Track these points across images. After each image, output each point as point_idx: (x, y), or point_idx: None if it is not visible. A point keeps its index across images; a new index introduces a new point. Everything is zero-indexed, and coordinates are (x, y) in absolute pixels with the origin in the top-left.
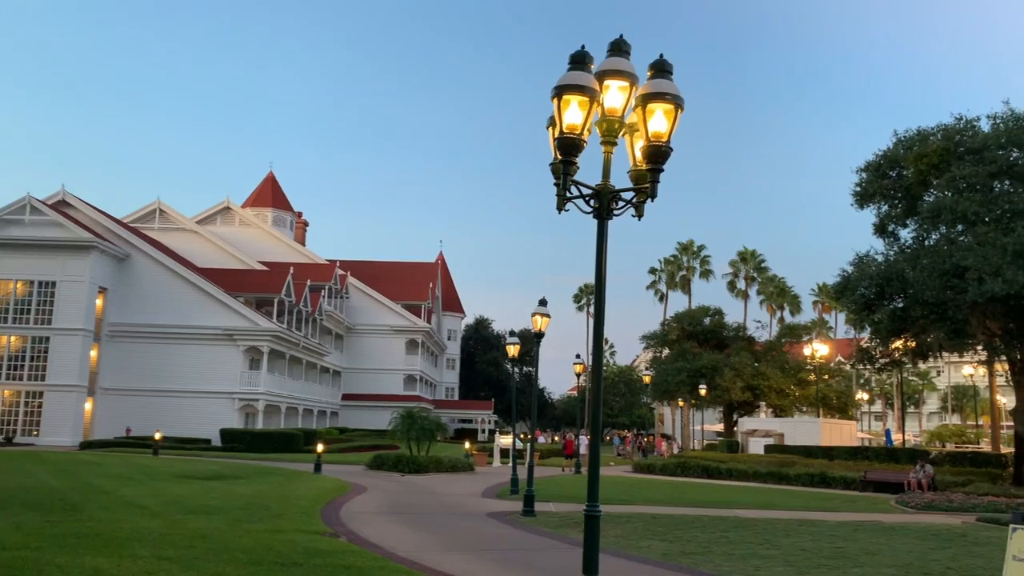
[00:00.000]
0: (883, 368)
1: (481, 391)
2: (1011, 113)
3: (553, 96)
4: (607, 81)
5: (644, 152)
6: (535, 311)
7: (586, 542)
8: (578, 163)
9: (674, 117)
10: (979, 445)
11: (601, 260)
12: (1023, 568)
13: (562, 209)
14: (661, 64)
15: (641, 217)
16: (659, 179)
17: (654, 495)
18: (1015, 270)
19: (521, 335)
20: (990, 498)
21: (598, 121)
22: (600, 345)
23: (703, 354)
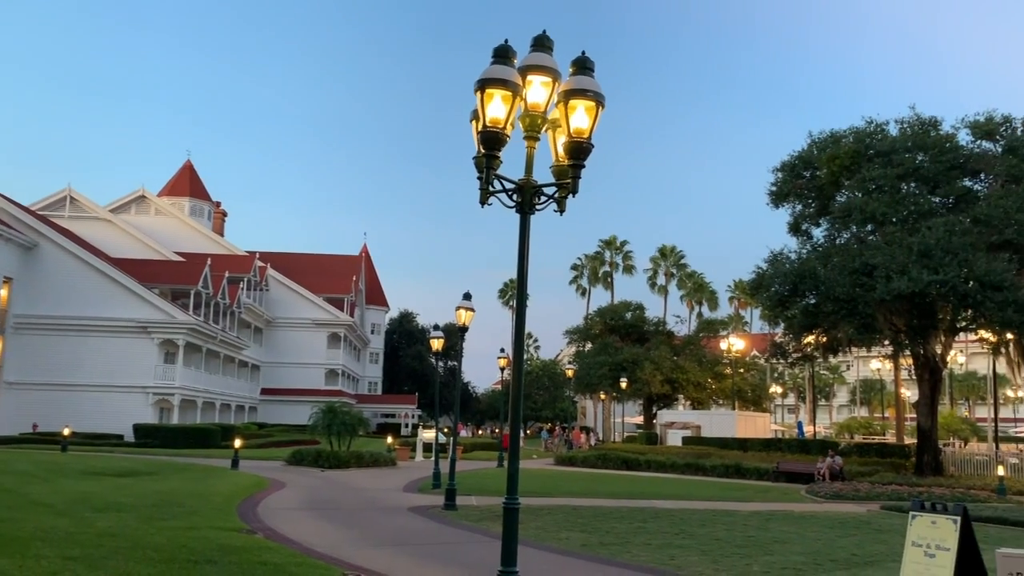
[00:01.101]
0: (796, 362)
1: (405, 385)
2: (917, 118)
3: (476, 89)
4: (530, 76)
5: (566, 148)
6: (459, 305)
7: (504, 534)
8: (501, 157)
9: (595, 114)
10: (885, 437)
11: (523, 254)
12: (920, 553)
13: (485, 203)
14: (583, 61)
15: (563, 212)
16: (580, 175)
17: (575, 487)
18: (920, 269)
19: (446, 329)
20: (894, 487)
21: (521, 116)
22: (521, 339)
23: (624, 348)
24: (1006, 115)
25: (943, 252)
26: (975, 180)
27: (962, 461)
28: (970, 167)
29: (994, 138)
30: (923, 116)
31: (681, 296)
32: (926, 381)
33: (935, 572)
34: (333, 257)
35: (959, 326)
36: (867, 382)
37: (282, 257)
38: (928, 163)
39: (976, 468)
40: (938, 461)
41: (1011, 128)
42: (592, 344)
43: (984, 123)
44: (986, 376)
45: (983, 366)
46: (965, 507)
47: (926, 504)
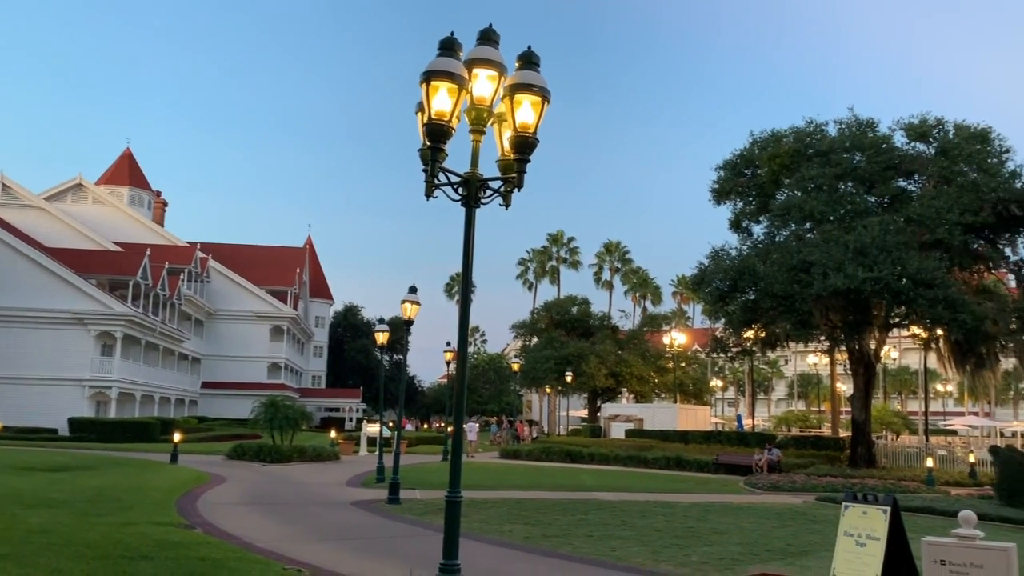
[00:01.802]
0: (736, 356)
1: (349, 379)
2: (855, 119)
3: (422, 82)
4: (476, 70)
5: (512, 142)
6: (405, 299)
7: (446, 527)
8: (447, 150)
9: (541, 109)
10: (821, 429)
11: (468, 247)
12: (852, 542)
13: (430, 196)
14: (529, 56)
15: (509, 206)
16: (526, 169)
17: (519, 480)
18: (855, 266)
19: (391, 323)
20: (828, 479)
21: (467, 109)
22: (466, 332)
23: (570, 342)
24: (939, 118)
25: (878, 250)
26: (909, 180)
27: (894, 453)
28: (904, 168)
29: (927, 140)
30: (861, 117)
31: (626, 291)
32: (860, 375)
33: (866, 561)
34: (277, 249)
35: (892, 322)
36: (804, 376)
37: (224, 248)
38: (865, 163)
39: (907, 460)
40: (871, 453)
41: (943, 131)
42: (538, 338)
43: (918, 125)
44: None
45: (915, 361)
46: (895, 498)
47: (858, 495)
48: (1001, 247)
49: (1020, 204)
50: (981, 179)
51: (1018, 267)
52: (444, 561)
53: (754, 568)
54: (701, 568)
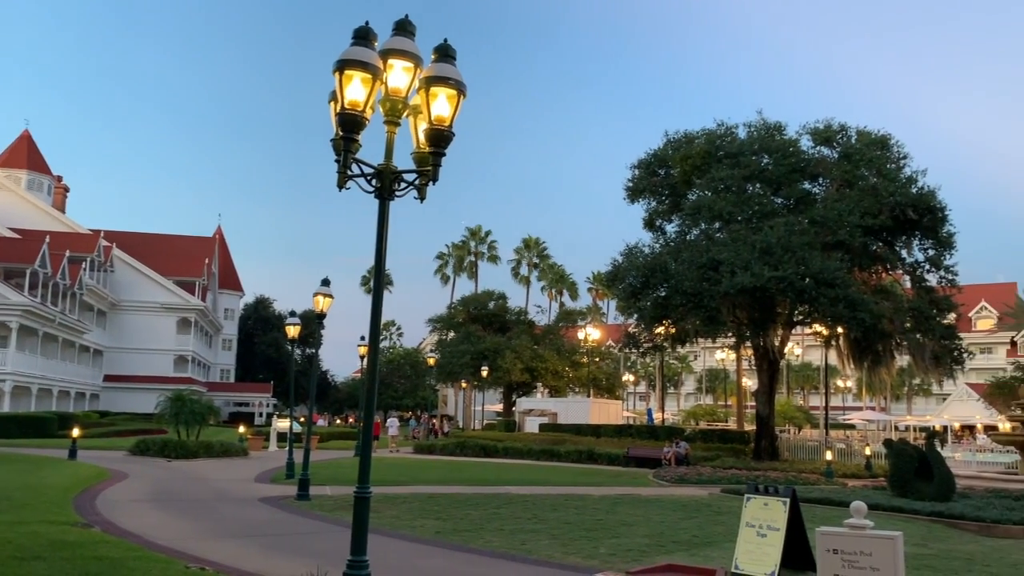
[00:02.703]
0: (647, 352)
1: (260, 373)
2: (764, 123)
3: (335, 70)
4: (391, 60)
5: (427, 135)
6: (317, 291)
7: (355, 523)
8: (360, 141)
9: (457, 102)
10: (727, 423)
11: (382, 240)
12: (754, 533)
13: (343, 187)
14: (445, 49)
15: (424, 200)
16: (441, 163)
17: (433, 475)
18: (761, 265)
19: (303, 316)
20: (733, 471)
21: (381, 100)
22: (377, 327)
23: (487, 337)
24: (843, 123)
25: (783, 250)
26: (814, 183)
27: (796, 446)
28: (810, 171)
29: (832, 145)
30: (769, 121)
31: (542, 287)
32: (765, 371)
33: (766, 551)
34: (185, 238)
35: (796, 320)
36: (712, 371)
37: (130, 237)
38: (772, 166)
39: (808, 453)
40: (774, 446)
41: (847, 136)
42: (455, 333)
43: (823, 130)
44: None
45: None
46: (794, 490)
47: (759, 487)
48: (898, 249)
49: (916, 208)
50: (880, 183)
51: (913, 269)
52: (352, 557)
53: (660, 559)
54: (608, 560)
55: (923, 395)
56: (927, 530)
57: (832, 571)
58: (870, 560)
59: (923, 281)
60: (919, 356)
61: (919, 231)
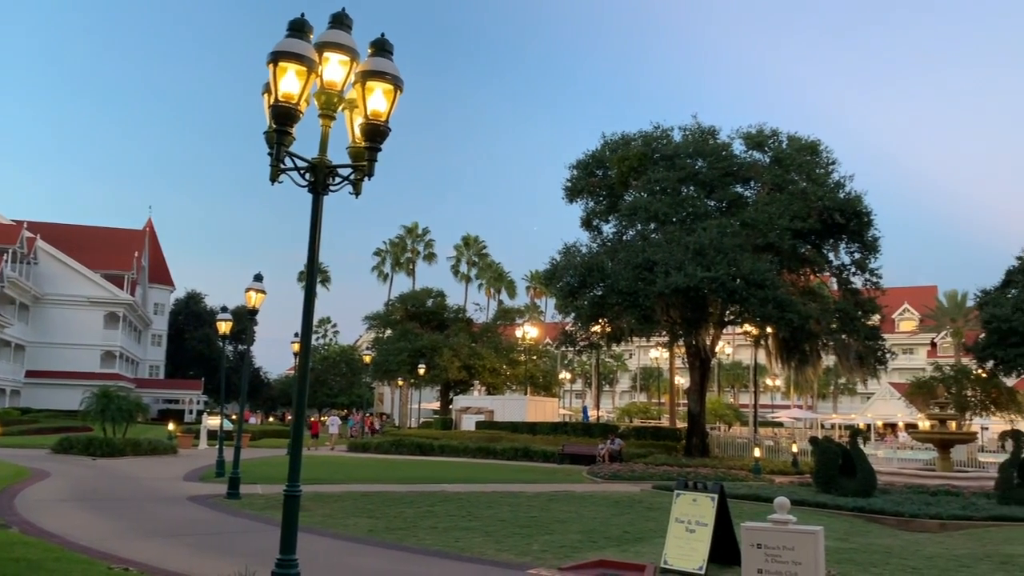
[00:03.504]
0: (583, 350)
1: (191, 370)
2: (698, 126)
3: (269, 62)
4: (327, 53)
5: (363, 130)
6: (250, 287)
7: (284, 522)
8: (294, 134)
9: (393, 97)
10: (660, 420)
11: (315, 235)
12: (683, 528)
13: (275, 180)
14: (382, 43)
15: (359, 195)
16: (377, 158)
17: (367, 473)
18: (694, 266)
19: (236, 312)
20: (665, 468)
21: (316, 93)
22: (310, 323)
23: (424, 335)
24: (774, 129)
25: (715, 251)
26: (746, 187)
27: (726, 443)
28: (742, 175)
29: (763, 149)
30: (704, 125)
31: (480, 285)
32: (697, 369)
33: (694, 546)
34: (114, 231)
35: (727, 319)
36: (647, 370)
37: (56, 228)
38: (706, 169)
39: (738, 450)
40: (705, 443)
41: (778, 141)
42: (392, 330)
43: (755, 135)
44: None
45: (747, 357)
46: (722, 486)
47: (689, 483)
48: (825, 252)
49: (843, 213)
50: (810, 188)
51: (840, 271)
52: (281, 556)
53: (592, 555)
54: (541, 556)
55: (848, 394)
56: (849, 525)
57: (756, 565)
58: (792, 554)
59: (849, 283)
60: (844, 356)
61: (846, 235)
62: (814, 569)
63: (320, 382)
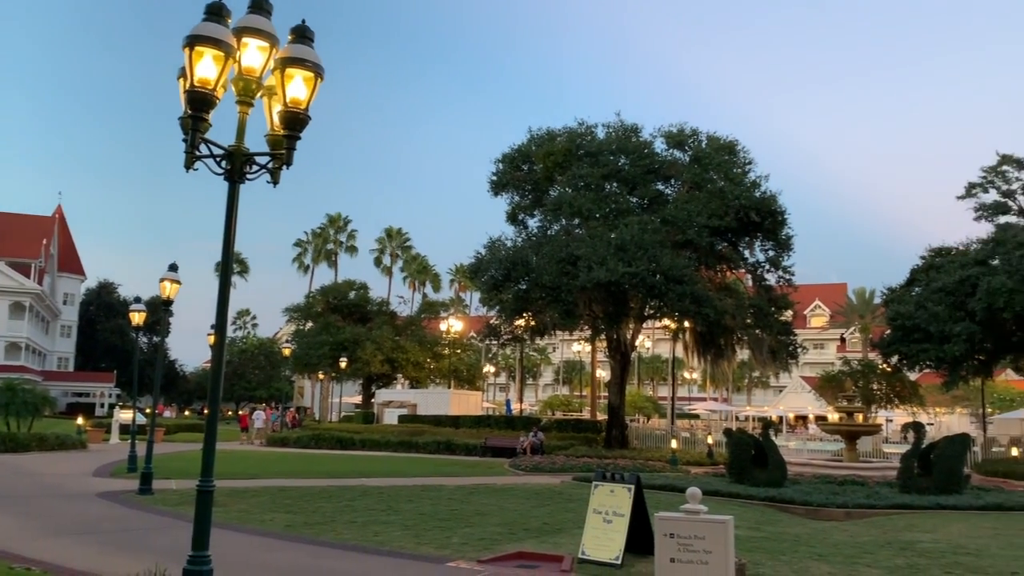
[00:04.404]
0: (507, 343)
1: (102, 362)
2: (621, 124)
3: (185, 46)
4: (246, 39)
5: (282, 117)
6: (164, 277)
7: (197, 517)
8: (210, 121)
9: (314, 85)
10: (582, 413)
11: (231, 225)
12: (600, 519)
13: (190, 168)
14: (303, 30)
15: (277, 184)
16: (296, 147)
17: (286, 468)
18: (616, 261)
19: (150, 302)
20: (585, 459)
21: (234, 79)
22: (224, 315)
23: (346, 327)
24: (694, 128)
25: (636, 247)
26: (666, 184)
27: (644, 435)
28: (663, 172)
29: (683, 148)
30: (627, 123)
31: (405, 277)
32: (617, 363)
33: (612, 536)
34: (21, 217)
35: (647, 314)
36: (569, 363)
37: None
38: (629, 166)
39: (656, 441)
40: (624, 435)
41: (698, 140)
42: (313, 323)
43: (676, 134)
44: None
45: (666, 350)
46: (639, 477)
47: (607, 475)
48: (741, 249)
49: (758, 211)
50: (727, 187)
51: (754, 268)
52: (193, 553)
53: (511, 547)
54: (461, 549)
55: (761, 387)
56: (760, 514)
57: (669, 555)
58: (703, 543)
59: (763, 280)
60: (758, 350)
61: (761, 233)
62: (724, 557)
63: (238, 375)
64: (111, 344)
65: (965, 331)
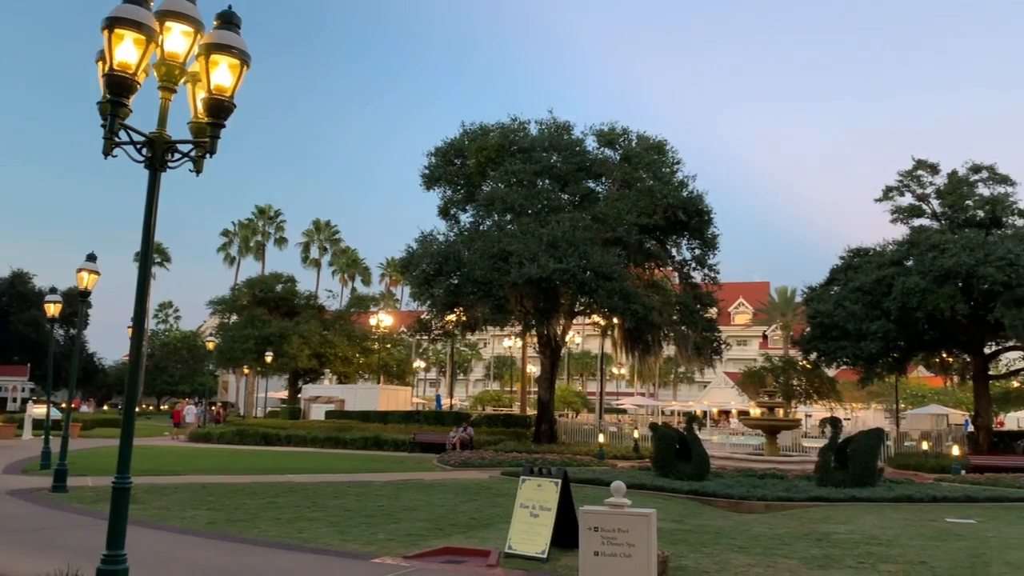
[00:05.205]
0: (438, 338)
1: (15, 355)
2: (554, 121)
3: (104, 28)
4: (169, 23)
5: (206, 105)
6: (81, 267)
7: (112, 515)
8: (130, 106)
9: (240, 73)
10: (512, 408)
11: (151, 214)
12: (527, 513)
13: (109, 154)
14: (229, 16)
15: (200, 173)
16: (220, 135)
17: (208, 464)
18: (547, 257)
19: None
20: (514, 454)
21: (156, 64)
22: (143, 306)
23: (273, 321)
24: (625, 127)
25: (567, 244)
26: (597, 182)
27: (573, 430)
28: (594, 170)
29: (614, 147)
30: (559, 120)
31: (333, 271)
32: (547, 358)
33: (538, 530)
34: None
35: (577, 310)
36: (500, 358)
37: None
38: (561, 163)
39: (584, 436)
40: (553, 430)
41: (628, 139)
42: (239, 316)
43: (607, 132)
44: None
45: (595, 346)
46: (566, 471)
47: (535, 469)
48: (669, 248)
49: (686, 210)
50: (656, 186)
51: (681, 266)
52: (107, 552)
53: (438, 543)
54: (387, 545)
55: (687, 382)
56: (684, 507)
57: (593, 548)
58: (627, 536)
59: (689, 278)
60: (684, 346)
61: (688, 232)
62: (646, 550)
63: (160, 369)
64: (25, 336)
65: (881, 329)
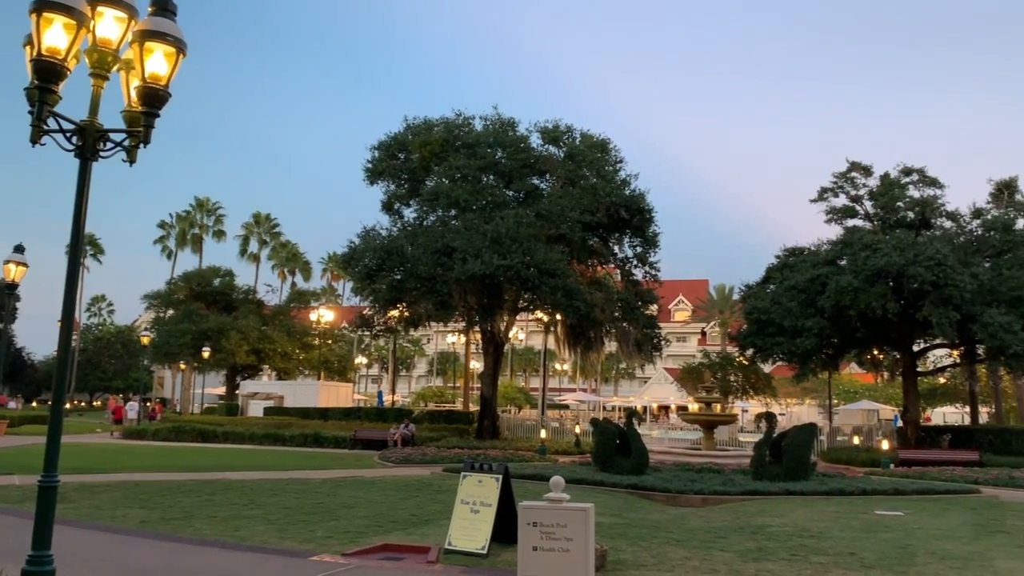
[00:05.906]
0: (380, 334)
1: None
2: (499, 117)
3: (32, 11)
4: (101, 7)
5: (140, 93)
6: (9, 258)
7: (38, 514)
8: (60, 93)
9: (175, 61)
10: (455, 404)
11: (82, 204)
12: (468, 510)
13: (37, 142)
14: (164, 2)
15: (133, 163)
16: (155, 124)
17: (142, 462)
18: (491, 254)
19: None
20: (456, 451)
21: (88, 50)
22: (72, 299)
23: (210, 316)
24: (569, 125)
25: (511, 240)
26: (542, 179)
27: (515, 425)
28: (538, 167)
29: (558, 144)
30: (504, 116)
31: (273, 265)
32: (491, 354)
33: (479, 526)
34: None
35: (520, 306)
36: (444, 354)
37: None
38: (505, 159)
39: (526, 432)
40: (496, 426)
41: (572, 137)
42: (175, 310)
43: (552, 130)
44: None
45: (538, 342)
46: (507, 467)
47: (475, 465)
48: (611, 245)
49: (628, 208)
50: (599, 184)
51: (623, 263)
52: (33, 552)
53: (377, 539)
54: (325, 543)
55: (628, 378)
56: (623, 501)
57: (532, 543)
58: (565, 531)
59: (631, 275)
60: (625, 342)
61: (629, 229)
62: (584, 544)
63: (93, 364)
64: None
65: (815, 326)
